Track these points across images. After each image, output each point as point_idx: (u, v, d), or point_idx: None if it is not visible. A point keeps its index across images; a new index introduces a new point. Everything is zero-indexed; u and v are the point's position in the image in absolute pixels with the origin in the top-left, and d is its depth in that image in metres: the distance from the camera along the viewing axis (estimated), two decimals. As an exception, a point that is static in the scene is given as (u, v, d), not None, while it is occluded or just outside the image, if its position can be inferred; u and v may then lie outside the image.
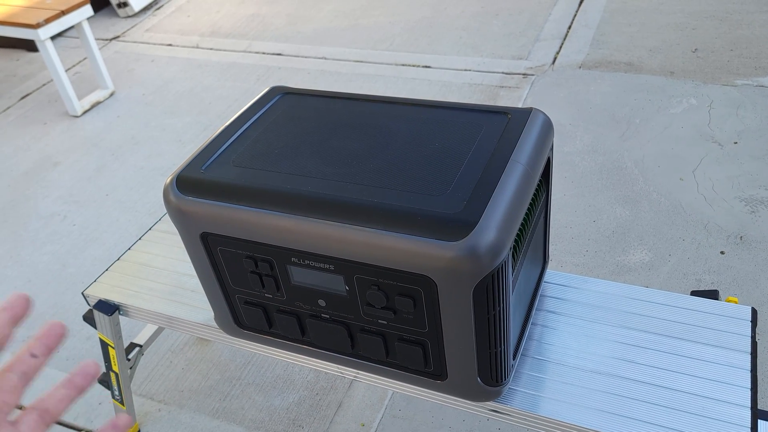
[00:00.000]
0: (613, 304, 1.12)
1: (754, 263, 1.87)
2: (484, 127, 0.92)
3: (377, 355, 0.95)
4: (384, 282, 0.83)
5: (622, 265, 1.92)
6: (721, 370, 0.98)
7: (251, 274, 0.94)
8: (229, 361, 1.80)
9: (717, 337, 1.03)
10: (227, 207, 0.87)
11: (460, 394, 0.95)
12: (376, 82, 3.09)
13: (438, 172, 0.85)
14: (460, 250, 0.75)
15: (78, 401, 1.73)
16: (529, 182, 0.85)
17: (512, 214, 0.80)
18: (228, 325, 1.08)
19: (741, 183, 2.16)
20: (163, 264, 1.38)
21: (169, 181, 0.92)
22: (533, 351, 1.06)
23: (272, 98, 1.07)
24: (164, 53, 3.67)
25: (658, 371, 1.00)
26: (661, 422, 0.92)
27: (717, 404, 0.93)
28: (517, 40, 3.29)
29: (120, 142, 2.89)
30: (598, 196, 2.19)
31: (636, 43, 3.10)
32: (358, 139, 0.94)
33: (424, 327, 0.87)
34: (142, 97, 3.24)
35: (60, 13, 2.87)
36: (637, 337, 1.05)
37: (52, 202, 2.55)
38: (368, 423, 1.59)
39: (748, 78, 2.72)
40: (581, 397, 0.98)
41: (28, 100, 3.36)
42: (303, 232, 0.83)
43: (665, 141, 2.41)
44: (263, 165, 0.91)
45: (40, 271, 2.20)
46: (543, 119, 0.94)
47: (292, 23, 3.83)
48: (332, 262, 0.85)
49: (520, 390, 1.00)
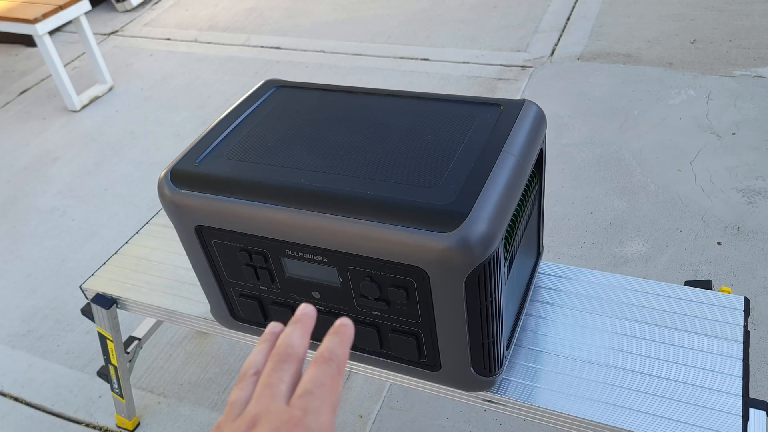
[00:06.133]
0: (608, 294, 1.12)
1: (750, 254, 1.87)
2: (477, 119, 0.93)
3: (371, 346, 0.96)
4: (377, 273, 0.84)
5: (619, 257, 1.92)
6: (714, 359, 0.99)
7: (246, 267, 0.95)
8: (228, 354, 1.81)
9: (710, 326, 1.04)
10: (221, 200, 0.88)
11: (453, 384, 0.95)
12: (374, 75, 3.09)
13: (430, 163, 0.85)
14: (451, 241, 0.75)
15: (79, 395, 1.74)
16: (520, 173, 0.86)
17: (504, 205, 0.80)
18: (224, 318, 1.09)
19: (739, 174, 2.16)
20: (160, 257, 1.39)
21: (163, 174, 0.93)
22: (528, 341, 1.06)
23: (266, 91, 1.08)
24: (163, 47, 3.67)
25: (652, 361, 1.00)
26: (654, 411, 0.93)
27: (709, 393, 0.94)
28: (516, 32, 3.29)
29: (119, 136, 2.90)
30: (596, 188, 2.19)
31: (634, 34, 3.10)
32: (351, 131, 0.94)
33: (417, 318, 0.87)
34: (140, 91, 3.24)
35: (58, 7, 2.87)
36: (631, 328, 1.06)
37: (51, 197, 2.55)
38: (366, 414, 1.60)
39: (747, 69, 2.72)
40: (576, 387, 0.98)
41: (26, 95, 3.36)
42: (296, 224, 0.84)
43: (663, 132, 2.41)
44: (257, 158, 0.92)
45: (40, 266, 2.21)
46: (535, 111, 0.94)
47: (290, 16, 3.82)
48: (326, 254, 0.86)
49: (515, 380, 1.01)
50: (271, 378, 0.40)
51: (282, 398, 0.39)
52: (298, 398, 0.38)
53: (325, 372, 0.40)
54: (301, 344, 0.43)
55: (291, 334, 0.43)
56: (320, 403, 0.38)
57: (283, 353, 0.42)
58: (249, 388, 0.41)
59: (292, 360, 0.41)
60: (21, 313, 2.04)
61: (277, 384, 0.40)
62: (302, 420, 0.37)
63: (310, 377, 0.40)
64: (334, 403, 0.39)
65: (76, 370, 1.82)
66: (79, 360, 1.85)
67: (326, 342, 0.42)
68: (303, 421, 0.37)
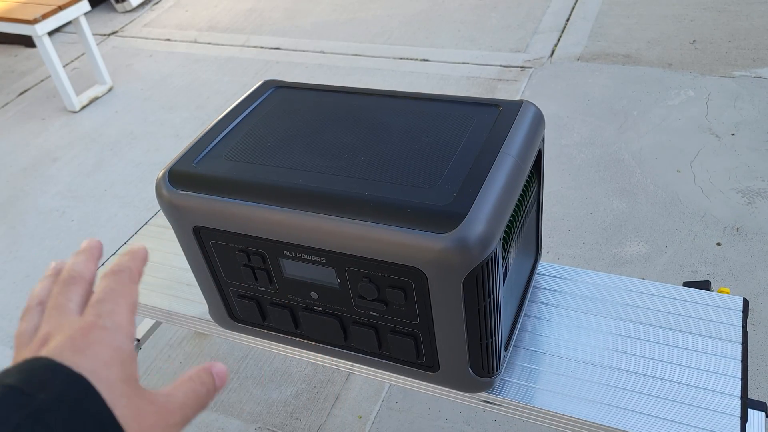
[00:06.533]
0: (607, 295, 1.12)
1: (750, 255, 1.87)
2: (475, 119, 0.92)
3: (370, 347, 0.96)
4: (375, 274, 0.84)
5: (619, 257, 1.92)
6: (713, 360, 0.99)
7: (244, 268, 0.94)
8: (227, 355, 1.81)
9: (709, 327, 1.04)
10: (219, 201, 0.88)
11: (452, 385, 0.95)
12: (374, 76, 3.09)
13: (428, 164, 0.85)
14: (449, 241, 0.75)
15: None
16: (519, 174, 0.86)
17: (502, 205, 0.80)
18: (222, 319, 1.09)
19: (738, 174, 2.16)
20: (159, 258, 1.38)
21: (161, 175, 0.93)
22: (526, 342, 1.06)
23: (265, 92, 1.08)
24: (162, 48, 3.67)
25: (651, 362, 1.00)
26: (653, 412, 0.93)
27: (708, 394, 0.94)
28: (515, 33, 3.29)
29: (118, 137, 2.90)
30: (595, 189, 2.19)
31: (634, 35, 3.10)
32: (349, 132, 0.94)
33: (415, 319, 0.87)
34: (140, 92, 3.24)
35: (57, 8, 2.87)
36: (630, 328, 1.06)
37: (50, 198, 2.55)
38: (365, 415, 1.60)
39: (746, 69, 2.72)
40: (574, 388, 0.98)
41: (26, 96, 3.36)
42: (295, 225, 0.84)
43: (663, 133, 2.41)
44: (255, 158, 0.92)
45: (39, 267, 2.21)
46: (534, 111, 0.94)
47: (290, 17, 3.83)
48: (324, 254, 0.86)
49: (514, 381, 1.00)
50: (58, 300, 0.39)
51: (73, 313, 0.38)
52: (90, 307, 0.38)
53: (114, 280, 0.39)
54: (86, 268, 0.42)
55: (75, 261, 0.42)
56: (113, 306, 0.37)
57: (68, 278, 0.41)
58: (36, 317, 0.40)
59: (79, 282, 0.40)
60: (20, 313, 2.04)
61: (65, 304, 0.38)
62: (96, 323, 0.36)
63: (100, 289, 0.39)
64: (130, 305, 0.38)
65: (75, 370, 1.82)
66: (78, 361, 1.85)
67: (115, 260, 0.42)
68: (97, 323, 0.36)
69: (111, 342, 0.35)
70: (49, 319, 0.38)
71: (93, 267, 0.42)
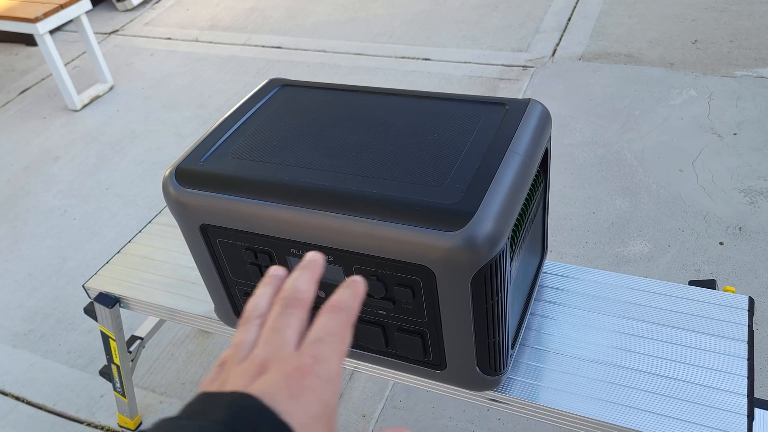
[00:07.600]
0: (612, 294, 1.12)
1: (752, 254, 1.87)
2: (482, 118, 0.92)
3: (377, 345, 0.95)
4: (383, 272, 0.84)
5: (622, 257, 1.92)
6: (719, 358, 0.99)
7: (251, 266, 0.94)
8: (230, 354, 1.81)
9: (714, 326, 1.04)
10: (226, 199, 0.88)
11: (459, 383, 0.95)
12: (375, 75, 3.09)
13: (436, 163, 0.85)
14: (457, 240, 0.75)
15: (81, 394, 1.74)
16: (526, 173, 0.86)
17: (510, 204, 0.80)
18: (228, 317, 1.09)
19: (740, 174, 2.16)
20: (163, 256, 1.38)
21: (168, 173, 0.93)
22: (532, 341, 1.06)
23: (270, 90, 1.07)
24: (163, 47, 3.66)
25: (657, 360, 1.00)
26: (659, 410, 0.93)
27: (714, 392, 0.94)
28: (517, 32, 3.28)
29: (119, 136, 2.89)
30: (598, 188, 2.19)
31: (636, 34, 3.10)
32: (356, 130, 0.94)
33: (423, 317, 0.87)
34: (141, 91, 3.24)
35: (59, 6, 2.87)
36: (636, 327, 1.06)
37: (52, 197, 2.55)
38: (369, 414, 1.60)
39: (748, 69, 2.72)
40: (580, 386, 0.98)
41: (27, 94, 3.35)
42: (302, 223, 0.84)
43: (665, 132, 2.41)
44: (262, 156, 0.91)
45: (41, 265, 2.21)
46: (541, 110, 0.94)
47: (292, 16, 3.82)
48: (331, 253, 0.86)
49: (519, 379, 1.01)
50: (279, 323, 0.39)
51: (291, 344, 0.38)
52: (309, 345, 0.37)
53: (336, 321, 0.39)
54: (308, 290, 0.41)
55: (298, 279, 0.41)
56: (330, 352, 0.37)
57: (290, 297, 0.40)
58: (254, 330, 0.40)
59: (300, 306, 0.40)
60: (22, 312, 2.04)
61: (284, 329, 0.38)
62: (312, 368, 0.36)
63: (320, 325, 0.38)
64: (343, 353, 0.38)
65: (78, 369, 1.82)
66: (80, 359, 1.85)
67: (338, 293, 0.41)
68: (313, 369, 0.36)
69: (322, 394, 0.35)
70: (267, 342, 0.38)
71: (314, 289, 0.42)
